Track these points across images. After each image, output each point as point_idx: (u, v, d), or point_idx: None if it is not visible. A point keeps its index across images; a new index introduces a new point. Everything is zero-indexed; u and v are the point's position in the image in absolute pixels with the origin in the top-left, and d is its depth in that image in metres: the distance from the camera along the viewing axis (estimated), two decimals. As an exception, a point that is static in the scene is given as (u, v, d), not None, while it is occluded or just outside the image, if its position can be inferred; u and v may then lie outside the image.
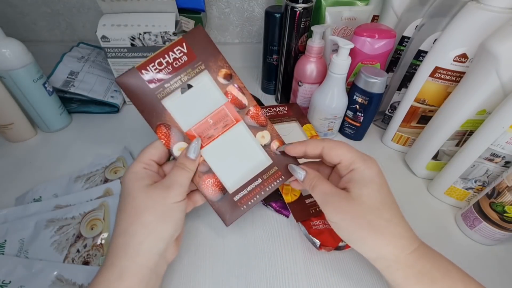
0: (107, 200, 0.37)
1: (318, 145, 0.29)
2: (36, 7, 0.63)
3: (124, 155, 0.44)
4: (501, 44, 0.30)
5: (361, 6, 0.50)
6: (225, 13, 0.65)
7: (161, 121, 0.29)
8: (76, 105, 0.53)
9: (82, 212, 0.35)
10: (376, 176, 0.26)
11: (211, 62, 0.30)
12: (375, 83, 0.42)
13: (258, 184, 0.31)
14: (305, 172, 0.29)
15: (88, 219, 0.35)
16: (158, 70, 0.28)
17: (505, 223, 0.32)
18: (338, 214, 0.26)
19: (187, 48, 0.29)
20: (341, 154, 0.28)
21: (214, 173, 0.30)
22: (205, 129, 0.30)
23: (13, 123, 0.45)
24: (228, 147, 0.31)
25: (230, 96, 0.31)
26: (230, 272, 0.32)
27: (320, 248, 0.33)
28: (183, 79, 0.29)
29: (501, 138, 0.32)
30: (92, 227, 0.34)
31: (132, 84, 0.28)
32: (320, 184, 0.28)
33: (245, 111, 0.31)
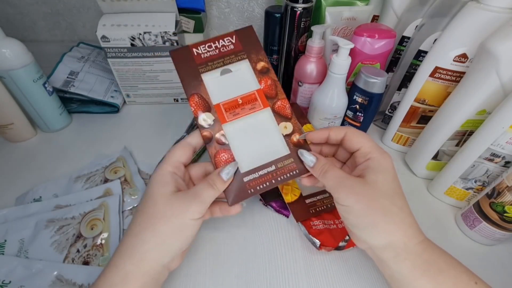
0: (107, 200, 0.37)
1: (341, 131, 0.30)
2: (36, 7, 0.63)
3: (124, 155, 0.44)
4: (501, 44, 0.30)
5: (361, 6, 0.50)
6: (225, 13, 0.65)
7: (196, 91, 0.32)
8: (76, 105, 0.53)
9: (82, 212, 0.36)
10: (391, 167, 0.27)
11: (252, 54, 0.34)
12: (375, 83, 0.42)
13: (271, 171, 0.31)
14: (315, 158, 0.29)
15: (88, 219, 0.35)
16: (207, 51, 0.33)
17: (505, 223, 0.32)
18: (352, 196, 0.26)
19: (235, 40, 0.34)
20: (362, 141, 0.28)
21: (230, 149, 0.31)
22: (232, 106, 0.32)
23: (13, 123, 0.45)
24: (250, 128, 0.32)
25: (263, 85, 0.33)
26: (230, 272, 0.32)
27: (320, 248, 0.33)
28: (225, 61, 0.33)
29: (501, 138, 0.32)
30: (92, 227, 0.34)
31: (182, 56, 0.33)
32: (332, 170, 0.28)
33: (273, 101, 0.33)
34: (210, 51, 0.33)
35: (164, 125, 0.52)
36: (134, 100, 0.57)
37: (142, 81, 0.53)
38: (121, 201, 0.37)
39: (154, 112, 0.56)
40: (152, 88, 0.55)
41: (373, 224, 0.25)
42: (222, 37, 0.34)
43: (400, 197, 0.27)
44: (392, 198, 0.26)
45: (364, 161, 0.28)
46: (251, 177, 0.30)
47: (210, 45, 0.34)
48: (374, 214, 0.25)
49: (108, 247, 0.33)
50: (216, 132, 0.31)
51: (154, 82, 0.54)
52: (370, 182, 0.26)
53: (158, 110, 0.56)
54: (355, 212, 0.26)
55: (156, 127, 0.52)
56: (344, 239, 0.34)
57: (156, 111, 0.56)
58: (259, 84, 0.33)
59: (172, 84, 0.55)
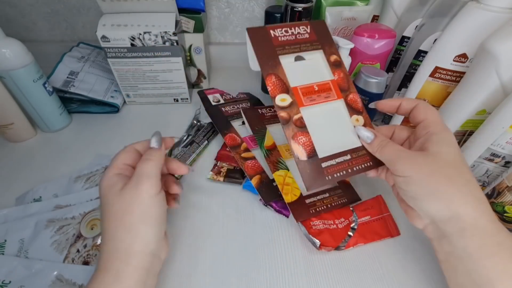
0: None
1: (413, 101, 0.30)
2: (36, 7, 0.63)
3: None
4: (501, 44, 0.30)
5: (361, 6, 0.50)
6: (225, 13, 0.65)
7: (274, 71, 0.33)
8: (76, 105, 0.53)
9: (82, 212, 0.36)
10: (454, 141, 0.26)
11: (326, 46, 0.35)
12: (375, 83, 0.42)
13: (347, 160, 0.31)
14: (373, 134, 0.29)
15: (88, 219, 0.35)
16: (284, 35, 0.34)
17: (505, 223, 0.32)
18: (412, 166, 0.25)
19: (310, 30, 0.35)
20: (429, 113, 0.28)
21: (308, 132, 0.31)
22: (309, 92, 0.33)
23: (13, 123, 0.45)
24: (326, 116, 0.33)
25: (337, 76, 0.35)
26: (230, 272, 0.32)
27: (320, 248, 0.33)
28: (302, 48, 0.34)
29: (501, 138, 0.32)
30: (92, 227, 0.34)
31: (259, 35, 0.34)
32: (391, 144, 0.27)
33: (346, 93, 0.34)
34: (287, 36, 0.34)
35: (164, 125, 0.52)
36: (134, 100, 0.57)
37: (142, 81, 0.53)
38: None
39: (154, 112, 0.56)
40: (152, 88, 0.55)
41: (437, 194, 0.24)
42: (297, 24, 0.35)
43: (467, 170, 0.24)
44: (460, 169, 0.24)
45: (426, 133, 0.27)
46: (329, 163, 0.31)
47: (287, 30, 0.34)
48: (437, 182, 0.24)
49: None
50: (294, 114, 0.31)
51: (154, 82, 0.54)
52: (433, 153, 0.25)
53: (158, 110, 0.56)
54: (416, 181, 0.24)
55: (156, 127, 0.52)
56: (344, 239, 0.34)
57: (156, 111, 0.56)
58: (333, 75, 0.34)
59: (172, 84, 0.55)
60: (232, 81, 0.66)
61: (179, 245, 0.35)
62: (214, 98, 0.51)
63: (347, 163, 0.31)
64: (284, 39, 0.34)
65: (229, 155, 0.44)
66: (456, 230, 0.23)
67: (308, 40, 0.35)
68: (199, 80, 0.62)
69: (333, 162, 0.31)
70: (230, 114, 0.49)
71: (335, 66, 0.35)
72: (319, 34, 0.36)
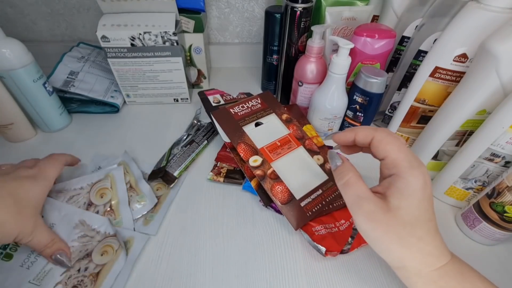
0: (111, 171, 0.39)
1: (368, 134, 0.27)
2: (36, 7, 0.63)
3: (126, 160, 0.42)
4: (501, 44, 0.30)
5: (361, 6, 0.50)
6: (225, 13, 0.65)
7: (242, 140, 0.40)
8: (76, 105, 0.53)
9: (89, 182, 0.38)
10: (420, 189, 0.24)
11: (276, 109, 0.45)
12: (375, 83, 0.42)
13: (320, 194, 0.37)
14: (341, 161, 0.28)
15: (97, 188, 0.37)
16: (241, 110, 0.43)
17: (505, 223, 0.32)
18: (370, 223, 0.24)
19: (260, 100, 0.45)
20: (389, 150, 0.25)
21: (282, 181, 0.37)
22: (274, 148, 0.40)
23: (13, 123, 0.45)
24: (293, 163, 0.40)
25: (292, 130, 0.43)
26: (230, 272, 0.32)
27: (326, 255, 0.33)
28: (258, 116, 0.43)
29: (501, 138, 0.32)
30: (101, 195, 0.37)
31: (223, 115, 0.42)
32: (355, 184, 0.25)
33: (302, 141, 0.42)
34: (244, 110, 0.43)
35: (164, 125, 0.52)
36: (134, 100, 0.57)
37: (142, 81, 0.53)
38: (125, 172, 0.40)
39: (154, 112, 0.56)
40: (152, 88, 0.55)
41: (388, 251, 0.25)
42: (249, 99, 0.45)
43: (422, 225, 0.24)
44: (413, 228, 0.24)
45: (390, 176, 0.25)
46: (306, 201, 0.36)
47: (243, 106, 0.44)
48: (389, 244, 0.24)
49: (118, 212, 0.36)
50: (267, 169, 0.38)
51: (154, 82, 0.54)
52: (392, 209, 0.24)
53: (158, 110, 0.56)
54: (371, 238, 0.25)
55: (156, 127, 0.52)
56: (348, 242, 0.34)
57: (156, 111, 0.56)
58: (288, 130, 0.43)
59: (172, 84, 0.55)
60: (232, 81, 0.66)
61: (179, 245, 0.35)
62: (214, 99, 0.51)
63: (320, 197, 0.37)
64: (243, 113, 0.43)
65: (229, 156, 0.44)
66: (404, 277, 0.25)
67: (262, 109, 0.44)
68: (199, 80, 0.62)
69: (309, 199, 0.36)
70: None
71: (287, 122, 0.43)
72: (268, 102, 0.45)
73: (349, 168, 0.27)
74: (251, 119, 0.42)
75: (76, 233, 0.34)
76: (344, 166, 0.27)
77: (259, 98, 0.45)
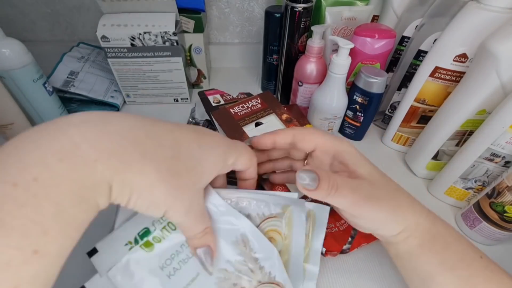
0: (291, 205, 0.26)
1: (287, 134, 0.26)
2: (36, 7, 0.63)
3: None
4: (501, 44, 0.30)
5: (361, 6, 0.50)
6: (225, 13, 0.65)
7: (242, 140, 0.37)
8: (76, 105, 0.53)
9: (260, 213, 0.26)
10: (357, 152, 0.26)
11: (276, 109, 0.44)
12: (375, 83, 0.42)
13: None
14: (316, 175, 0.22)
15: (265, 227, 0.26)
16: (241, 110, 0.43)
17: (505, 223, 0.32)
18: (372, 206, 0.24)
19: (260, 100, 0.44)
20: (315, 139, 0.26)
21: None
22: None
23: (13, 123, 0.45)
24: None
25: None
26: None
27: (326, 255, 0.33)
28: (258, 116, 0.43)
29: (501, 138, 0.32)
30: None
31: (222, 115, 0.42)
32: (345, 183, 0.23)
33: None
34: (244, 110, 0.43)
35: (164, 125, 0.52)
36: (134, 100, 0.57)
37: (142, 81, 0.53)
38: (308, 214, 0.28)
39: (154, 112, 0.56)
40: (152, 88, 0.55)
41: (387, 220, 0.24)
42: (249, 99, 0.44)
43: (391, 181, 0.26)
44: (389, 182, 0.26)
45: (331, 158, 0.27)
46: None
47: (243, 105, 0.43)
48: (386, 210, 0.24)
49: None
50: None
51: (154, 82, 0.54)
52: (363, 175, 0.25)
53: (158, 110, 0.56)
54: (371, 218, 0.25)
55: (156, 127, 0.52)
56: (347, 241, 0.34)
57: (156, 111, 0.56)
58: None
59: (172, 84, 0.55)
60: (232, 81, 0.66)
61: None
62: (214, 99, 0.51)
63: None
64: (243, 113, 0.42)
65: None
66: (404, 238, 0.25)
67: (262, 109, 0.43)
68: (199, 80, 0.62)
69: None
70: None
71: (287, 122, 0.43)
72: (268, 102, 0.44)
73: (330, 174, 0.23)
74: (251, 119, 0.42)
75: (232, 253, 0.23)
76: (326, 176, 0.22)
77: (259, 98, 0.45)
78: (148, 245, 0.23)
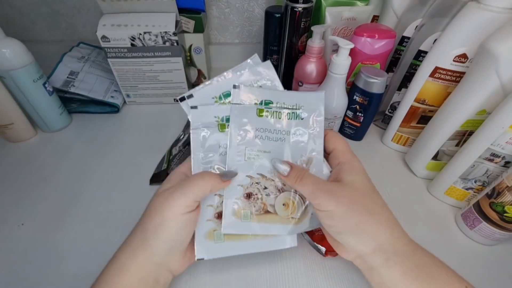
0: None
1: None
2: (36, 7, 0.63)
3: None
4: (501, 44, 0.30)
5: (361, 6, 0.50)
6: (225, 13, 0.65)
7: None
8: (76, 105, 0.53)
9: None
10: (363, 169, 0.28)
11: None
12: (375, 83, 0.42)
13: None
14: (289, 166, 0.28)
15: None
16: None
17: (505, 223, 0.32)
18: (333, 200, 0.25)
19: None
20: (337, 143, 0.30)
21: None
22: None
23: (13, 123, 0.45)
24: None
25: None
26: (230, 272, 0.32)
27: (326, 255, 0.33)
28: None
29: (501, 138, 0.32)
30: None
31: None
32: (309, 176, 0.27)
33: None
34: None
35: (164, 125, 0.52)
36: (134, 100, 0.57)
37: (142, 81, 0.53)
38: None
39: (154, 112, 0.56)
40: (152, 88, 0.55)
41: (359, 225, 0.25)
42: None
43: (378, 196, 0.27)
44: (372, 197, 0.26)
45: (337, 164, 0.29)
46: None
47: None
48: (358, 215, 0.25)
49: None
50: None
51: (154, 82, 0.54)
52: (348, 184, 0.26)
53: (158, 110, 0.56)
54: (338, 215, 0.25)
55: (156, 127, 0.52)
56: None
57: (156, 111, 0.56)
58: None
59: (172, 84, 0.55)
60: (232, 81, 0.66)
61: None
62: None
63: None
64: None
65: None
66: (382, 261, 0.24)
67: None
68: (199, 80, 0.62)
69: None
70: None
71: None
72: None
73: (299, 168, 0.28)
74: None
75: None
76: (295, 168, 0.28)
77: None
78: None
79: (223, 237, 0.29)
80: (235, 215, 0.29)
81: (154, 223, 0.25)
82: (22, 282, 0.31)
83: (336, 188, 0.26)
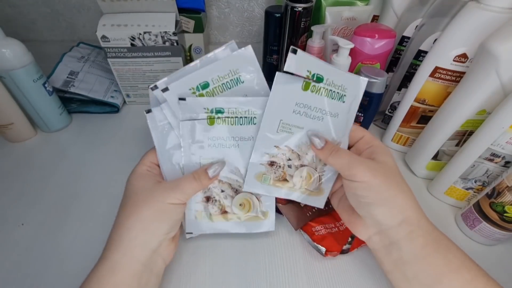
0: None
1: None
2: (36, 7, 0.63)
3: None
4: (501, 44, 0.30)
5: (361, 6, 0.50)
6: (225, 13, 0.65)
7: None
8: (76, 105, 0.53)
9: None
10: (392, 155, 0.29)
11: None
12: (375, 83, 0.42)
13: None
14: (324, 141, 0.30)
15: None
16: None
17: (505, 223, 0.32)
18: (369, 171, 0.26)
19: None
20: (364, 132, 0.32)
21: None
22: None
23: (13, 123, 0.45)
24: None
25: None
26: (230, 272, 0.32)
27: (326, 255, 0.33)
28: None
29: (501, 138, 0.32)
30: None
31: None
32: (344, 150, 0.29)
33: None
34: None
35: (164, 125, 0.52)
36: (134, 100, 0.57)
37: (142, 81, 0.53)
38: None
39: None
40: (152, 88, 0.55)
41: (390, 199, 0.26)
42: None
43: (403, 179, 0.28)
44: (400, 177, 0.28)
45: (369, 147, 0.30)
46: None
47: None
48: (391, 188, 0.26)
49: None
50: None
51: (154, 82, 0.54)
52: (382, 162, 0.27)
53: (158, 110, 0.56)
54: (373, 186, 0.26)
55: (156, 127, 0.52)
56: (348, 241, 0.34)
57: (156, 111, 0.56)
58: None
59: (172, 84, 0.55)
60: (232, 81, 0.66)
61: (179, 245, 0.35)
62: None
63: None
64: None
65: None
66: (406, 233, 0.26)
67: None
68: (199, 80, 0.62)
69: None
70: None
71: None
72: None
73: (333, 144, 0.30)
74: None
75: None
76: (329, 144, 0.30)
77: None
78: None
79: (211, 216, 0.33)
80: (256, 178, 0.31)
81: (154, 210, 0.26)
82: (22, 282, 0.31)
83: (370, 162, 0.27)
